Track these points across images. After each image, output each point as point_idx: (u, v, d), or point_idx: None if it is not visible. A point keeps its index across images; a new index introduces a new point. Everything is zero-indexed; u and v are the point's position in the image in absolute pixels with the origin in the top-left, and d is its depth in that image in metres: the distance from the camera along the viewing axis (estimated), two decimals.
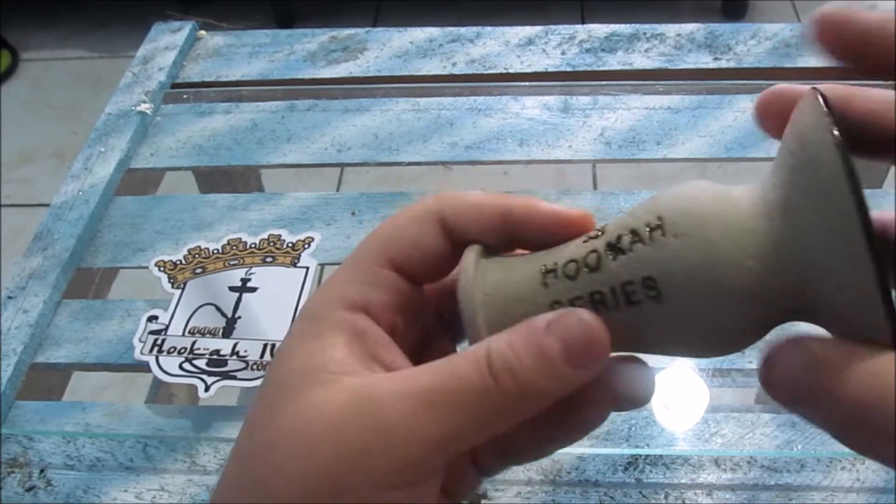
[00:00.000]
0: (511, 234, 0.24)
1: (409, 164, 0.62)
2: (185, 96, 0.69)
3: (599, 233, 0.23)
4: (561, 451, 0.45)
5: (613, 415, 0.47)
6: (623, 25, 0.72)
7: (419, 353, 0.25)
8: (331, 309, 0.24)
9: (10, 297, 0.54)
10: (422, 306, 0.26)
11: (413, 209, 0.25)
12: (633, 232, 0.22)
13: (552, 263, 0.23)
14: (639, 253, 0.21)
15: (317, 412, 0.21)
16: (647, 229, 0.21)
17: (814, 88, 0.20)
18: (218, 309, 0.52)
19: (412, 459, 0.21)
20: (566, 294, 0.23)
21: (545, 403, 0.22)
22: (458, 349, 0.27)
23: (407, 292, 0.24)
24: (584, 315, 0.22)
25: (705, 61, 0.68)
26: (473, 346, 0.22)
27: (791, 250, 0.20)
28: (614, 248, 0.22)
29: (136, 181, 0.64)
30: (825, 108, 0.19)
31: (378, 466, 0.20)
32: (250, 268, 0.54)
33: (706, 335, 0.22)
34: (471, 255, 0.24)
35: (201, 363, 0.49)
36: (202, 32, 0.76)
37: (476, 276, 0.23)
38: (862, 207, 0.18)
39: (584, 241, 0.23)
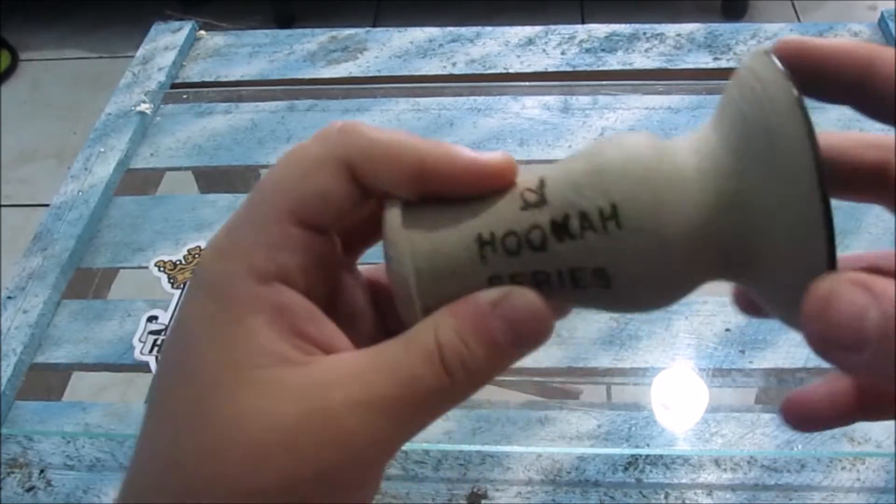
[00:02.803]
0: (426, 187, 0.22)
1: None
2: (184, 96, 0.69)
3: (537, 196, 0.22)
4: (561, 451, 0.46)
5: (613, 415, 0.47)
6: (623, 25, 0.72)
7: (332, 301, 0.24)
8: (242, 283, 0.21)
9: (10, 298, 0.54)
10: (332, 255, 0.23)
11: (312, 152, 0.22)
12: (583, 216, 0.21)
13: (488, 234, 0.22)
14: (589, 241, 0.21)
15: (264, 422, 0.20)
16: (600, 217, 0.21)
17: (765, 49, 0.21)
18: None
19: (370, 463, 0.21)
20: (506, 269, 0.22)
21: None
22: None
23: (318, 248, 0.22)
24: (530, 296, 0.21)
25: (705, 61, 0.68)
26: (419, 335, 0.21)
27: (742, 212, 0.20)
28: (561, 228, 0.21)
29: (135, 181, 0.64)
30: (782, 68, 0.19)
31: (341, 478, 0.20)
32: None
33: (645, 305, 0.22)
34: (395, 225, 0.22)
35: None
36: (202, 32, 0.76)
37: (406, 248, 0.22)
38: (820, 164, 0.18)
39: (522, 209, 0.22)
